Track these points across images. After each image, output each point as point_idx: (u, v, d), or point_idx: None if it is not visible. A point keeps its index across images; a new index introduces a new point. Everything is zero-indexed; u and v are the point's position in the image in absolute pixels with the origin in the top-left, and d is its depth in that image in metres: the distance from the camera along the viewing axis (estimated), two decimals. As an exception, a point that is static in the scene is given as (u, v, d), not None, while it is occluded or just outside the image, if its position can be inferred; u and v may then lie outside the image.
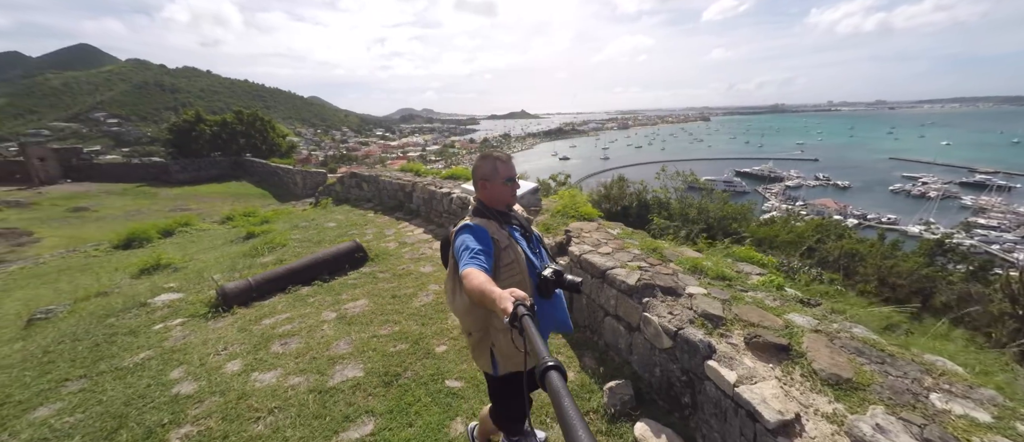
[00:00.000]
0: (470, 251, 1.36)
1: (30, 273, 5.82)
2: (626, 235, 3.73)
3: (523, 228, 1.66)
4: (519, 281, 1.49)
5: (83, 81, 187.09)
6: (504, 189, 1.59)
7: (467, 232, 1.44)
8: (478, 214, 1.58)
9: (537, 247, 1.67)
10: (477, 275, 1.22)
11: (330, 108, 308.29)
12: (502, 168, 1.58)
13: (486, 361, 1.59)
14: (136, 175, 23.70)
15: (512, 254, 1.51)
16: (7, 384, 2.77)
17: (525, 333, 0.91)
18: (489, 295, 1.11)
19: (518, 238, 1.58)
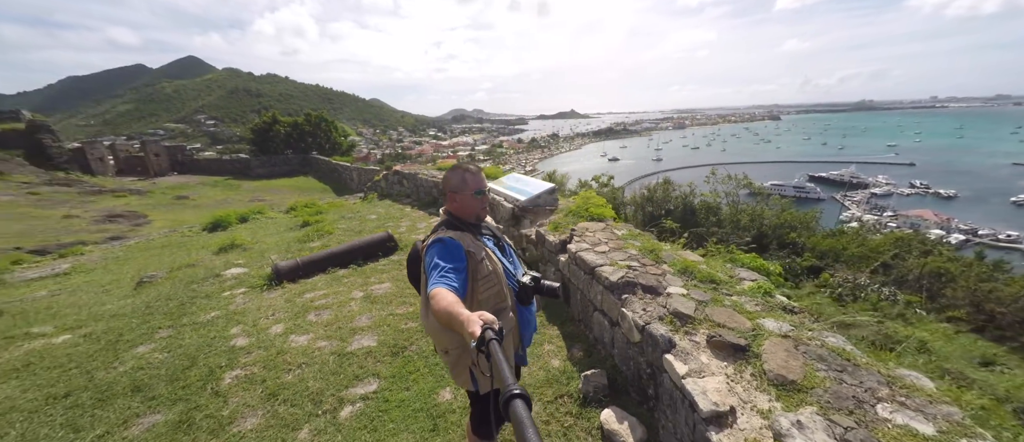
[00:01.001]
0: (439, 269, 1.29)
1: (143, 247, 7.21)
2: (631, 236, 3.81)
3: (495, 237, 1.64)
4: (496, 292, 1.45)
5: (189, 88, 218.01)
6: (474, 201, 1.54)
7: (438, 247, 1.37)
8: (450, 227, 1.51)
9: (511, 256, 1.68)
10: (445, 296, 1.17)
11: (388, 109, 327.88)
12: (471, 180, 1.53)
13: (466, 379, 1.51)
14: (225, 169, 27.38)
15: (490, 265, 1.46)
16: (121, 327, 3.61)
17: (491, 358, 0.90)
18: (457, 318, 1.07)
19: (493, 248, 1.55)
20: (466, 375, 1.49)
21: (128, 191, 17.79)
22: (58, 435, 2.33)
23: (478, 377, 1.48)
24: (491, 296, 1.45)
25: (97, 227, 11.32)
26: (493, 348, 0.92)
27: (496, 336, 0.95)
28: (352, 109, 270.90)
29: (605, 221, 4.33)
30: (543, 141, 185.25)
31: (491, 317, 1.02)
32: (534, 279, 1.52)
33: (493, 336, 0.95)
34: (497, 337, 0.95)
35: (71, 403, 2.59)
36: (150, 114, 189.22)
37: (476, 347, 0.95)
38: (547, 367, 2.85)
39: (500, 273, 1.49)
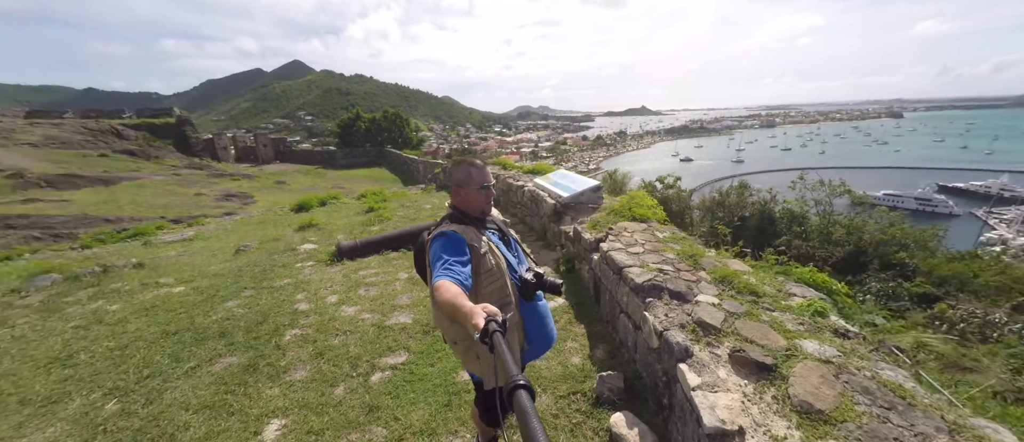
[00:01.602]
0: (444, 262, 1.29)
1: (245, 222, 8.59)
2: (672, 239, 3.59)
3: (500, 232, 1.64)
4: (500, 286, 1.45)
5: (293, 88, 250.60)
6: (478, 195, 1.55)
7: (442, 240, 1.38)
8: (454, 220, 1.51)
9: (516, 250, 1.67)
10: (448, 288, 1.17)
11: (458, 106, 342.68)
12: (476, 174, 1.55)
13: (476, 366, 1.54)
14: (316, 159, 31.14)
15: (492, 259, 1.45)
16: (218, 285, 4.40)
17: (495, 350, 0.90)
18: (461, 310, 1.06)
19: (497, 242, 1.54)
20: (475, 365, 1.52)
21: (242, 175, 21.20)
22: (166, 362, 2.95)
23: (487, 369, 1.48)
24: (494, 290, 1.45)
25: (217, 204, 13.71)
26: (497, 340, 0.91)
27: (500, 328, 0.95)
28: (425, 106, 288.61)
29: (648, 222, 4.12)
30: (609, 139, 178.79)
31: (494, 309, 1.02)
32: (536, 275, 1.50)
33: (497, 328, 0.95)
34: (500, 329, 0.95)
35: (177, 339, 3.25)
36: (263, 111, 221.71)
37: (480, 339, 0.95)
38: (566, 363, 2.84)
39: (503, 268, 1.48)
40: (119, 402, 2.56)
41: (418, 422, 2.34)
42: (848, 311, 2.51)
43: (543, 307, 1.66)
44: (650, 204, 4.68)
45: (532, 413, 0.69)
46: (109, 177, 15.50)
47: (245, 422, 2.36)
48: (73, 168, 15.76)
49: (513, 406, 0.73)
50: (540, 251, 5.18)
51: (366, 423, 2.35)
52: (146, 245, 6.84)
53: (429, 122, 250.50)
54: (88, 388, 2.70)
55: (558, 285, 1.51)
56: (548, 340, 1.67)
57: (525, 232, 6.08)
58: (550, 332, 1.67)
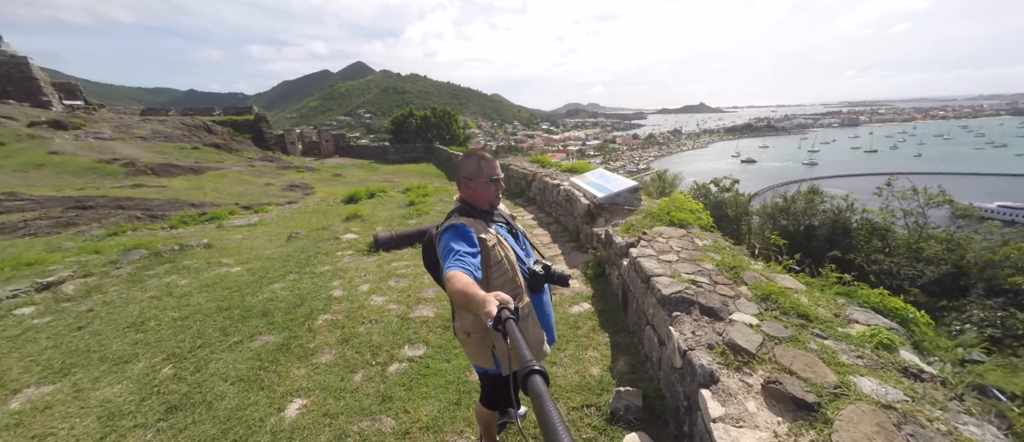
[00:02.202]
0: (455, 253, 1.31)
1: (301, 211, 9.34)
2: (713, 248, 3.27)
3: (508, 225, 1.66)
4: (509, 278, 1.47)
5: (355, 88, 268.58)
6: (487, 188, 1.56)
7: (452, 233, 1.39)
8: (463, 213, 1.54)
9: (524, 243, 1.70)
10: (460, 278, 1.19)
11: (506, 104, 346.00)
12: (486, 167, 1.55)
13: (487, 359, 1.55)
14: (371, 154, 33.11)
15: (501, 252, 1.47)
16: (268, 268, 4.80)
17: (509, 336, 0.91)
18: (473, 298, 1.08)
19: (505, 235, 1.56)
20: (488, 355, 1.54)
21: (305, 168, 23.15)
22: (215, 335, 3.26)
23: (500, 359, 1.52)
24: (505, 282, 1.47)
25: (282, 193, 15.08)
26: (510, 327, 0.93)
27: (512, 315, 0.97)
28: (475, 104, 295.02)
29: (687, 228, 3.80)
30: (661, 137, 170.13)
31: (506, 296, 1.03)
32: (544, 267, 1.53)
33: (510, 315, 0.96)
34: (513, 316, 0.97)
35: (227, 315, 3.59)
36: (328, 109, 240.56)
37: (493, 326, 0.97)
38: (584, 373, 2.70)
39: (513, 260, 1.51)
40: (174, 367, 2.87)
41: (426, 417, 2.34)
42: (928, 345, 2.09)
43: (548, 300, 1.71)
44: (692, 208, 4.32)
45: (547, 397, 0.69)
46: (198, 167, 17.71)
47: (271, 398, 2.52)
48: (171, 158, 18.23)
49: (527, 390, 0.73)
50: (571, 253, 5.02)
51: (378, 412, 2.40)
52: (219, 228, 7.68)
53: (478, 119, 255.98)
54: (152, 352, 3.06)
55: (566, 277, 1.51)
56: (552, 333, 1.72)
57: (558, 232, 5.92)
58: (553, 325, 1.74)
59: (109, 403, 2.53)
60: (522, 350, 0.83)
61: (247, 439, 2.21)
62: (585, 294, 3.84)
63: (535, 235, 5.85)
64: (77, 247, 6.35)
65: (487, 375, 1.67)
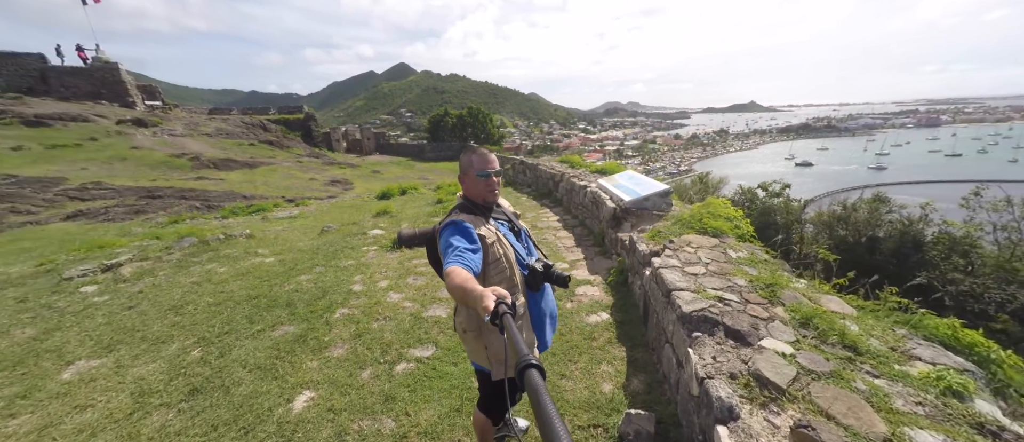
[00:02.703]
0: (455, 249, 1.32)
1: (337, 206, 9.77)
2: (748, 261, 2.95)
3: (511, 222, 1.64)
4: (507, 276, 1.47)
5: (398, 88, 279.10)
6: (478, 183, 1.54)
7: (452, 228, 1.41)
8: (463, 210, 1.54)
9: (526, 241, 1.67)
10: (459, 273, 1.19)
11: (543, 103, 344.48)
12: (476, 161, 1.54)
13: (483, 357, 1.55)
14: (409, 152, 34.21)
15: (500, 250, 1.47)
16: (298, 259, 5.03)
17: (506, 331, 0.91)
18: (471, 293, 1.08)
19: (506, 233, 1.55)
20: (483, 354, 1.53)
21: (347, 165, 24.33)
22: (242, 322, 3.44)
23: (492, 362, 1.51)
24: (502, 280, 1.47)
25: (324, 188, 15.92)
26: (507, 321, 0.93)
27: (509, 310, 0.97)
28: (512, 103, 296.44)
29: (721, 237, 3.48)
30: (706, 138, 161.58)
31: (503, 292, 1.03)
32: (545, 265, 1.49)
33: (507, 310, 0.97)
34: (510, 311, 0.97)
35: (255, 304, 3.77)
36: (372, 108, 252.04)
37: (490, 321, 0.97)
38: (594, 389, 2.53)
39: (511, 259, 1.50)
40: (202, 351, 3.05)
41: (425, 422, 2.29)
42: (1015, 395, 1.71)
43: (550, 300, 1.68)
44: (729, 215, 3.96)
45: (544, 391, 0.68)
46: (253, 162, 19.15)
47: (283, 389, 2.59)
48: (231, 154, 19.85)
49: (523, 385, 0.72)
50: (595, 258, 4.80)
51: (379, 412, 2.39)
52: (263, 219, 8.21)
53: (514, 118, 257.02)
54: (185, 335, 3.28)
55: (565, 277, 1.46)
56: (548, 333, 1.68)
57: (583, 236, 5.71)
58: (554, 324, 1.71)
59: (142, 380, 2.72)
60: (518, 344, 0.82)
61: (255, 428, 2.27)
62: (604, 303, 3.64)
63: (558, 237, 5.68)
64: (143, 233, 7.04)
65: (484, 374, 1.65)
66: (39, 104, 20.42)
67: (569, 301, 3.72)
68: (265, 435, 2.22)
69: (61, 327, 3.46)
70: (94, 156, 15.37)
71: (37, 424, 2.35)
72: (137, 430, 2.28)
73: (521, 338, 0.86)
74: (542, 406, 0.64)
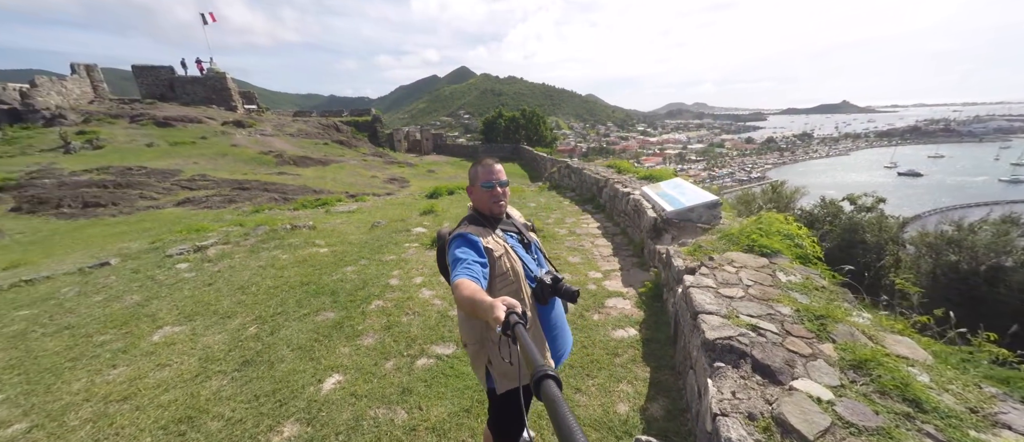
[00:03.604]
0: (462, 262, 1.32)
1: (391, 203, 10.45)
2: (800, 287, 2.61)
3: (520, 234, 1.62)
4: (514, 290, 1.45)
5: (458, 91, 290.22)
6: (483, 194, 1.54)
7: (460, 241, 1.42)
8: (472, 221, 1.54)
9: (536, 254, 1.65)
10: (468, 285, 1.19)
11: (601, 104, 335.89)
12: (481, 172, 1.54)
13: (483, 374, 1.55)
14: (463, 153, 35.42)
15: (507, 263, 1.45)
16: (347, 251, 5.46)
17: (519, 341, 0.89)
18: (480, 305, 1.08)
19: (514, 245, 1.53)
20: (483, 371, 1.52)
21: (405, 164, 25.88)
22: (292, 306, 3.83)
23: (495, 375, 1.49)
24: (508, 294, 1.43)
25: (382, 185, 17.11)
26: (519, 331, 0.91)
27: (521, 320, 0.96)
28: (569, 105, 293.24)
29: (773, 257, 3.13)
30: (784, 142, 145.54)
31: (513, 301, 1.03)
32: (554, 278, 1.45)
33: (518, 320, 0.95)
34: (521, 321, 0.96)
35: (305, 290, 4.18)
36: (434, 110, 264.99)
37: (502, 331, 0.96)
38: (609, 408, 2.42)
39: (519, 271, 1.47)
40: (257, 328, 3.45)
41: (435, 417, 2.36)
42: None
43: (558, 314, 1.63)
44: (788, 233, 3.54)
45: (563, 402, 0.66)
46: (325, 160, 21.21)
47: (316, 370, 2.84)
48: (307, 152, 22.17)
49: (541, 396, 0.71)
50: (631, 269, 4.57)
51: (395, 402, 2.52)
52: (326, 212, 9.05)
53: (570, 120, 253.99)
54: (247, 312, 3.74)
55: (574, 292, 1.42)
56: (563, 349, 1.63)
57: (623, 245, 5.47)
58: (566, 340, 1.65)
59: (208, 348, 3.16)
60: (533, 355, 0.80)
61: (288, 402, 2.52)
62: (634, 318, 3.45)
63: (595, 245, 5.50)
64: (230, 220, 8.15)
65: (491, 393, 1.62)
66: (167, 108, 24.59)
67: (596, 313, 3.59)
68: (295, 410, 2.46)
69: (158, 296, 4.14)
70: (203, 152, 18.10)
71: (129, 376, 2.84)
72: (198, 391, 2.65)
73: (535, 348, 0.84)
74: (562, 417, 0.62)
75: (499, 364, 1.44)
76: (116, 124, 20.50)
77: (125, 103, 24.95)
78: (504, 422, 1.66)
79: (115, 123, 20.63)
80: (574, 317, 3.51)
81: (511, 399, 1.52)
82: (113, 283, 4.55)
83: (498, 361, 1.45)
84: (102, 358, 3.07)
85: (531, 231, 1.74)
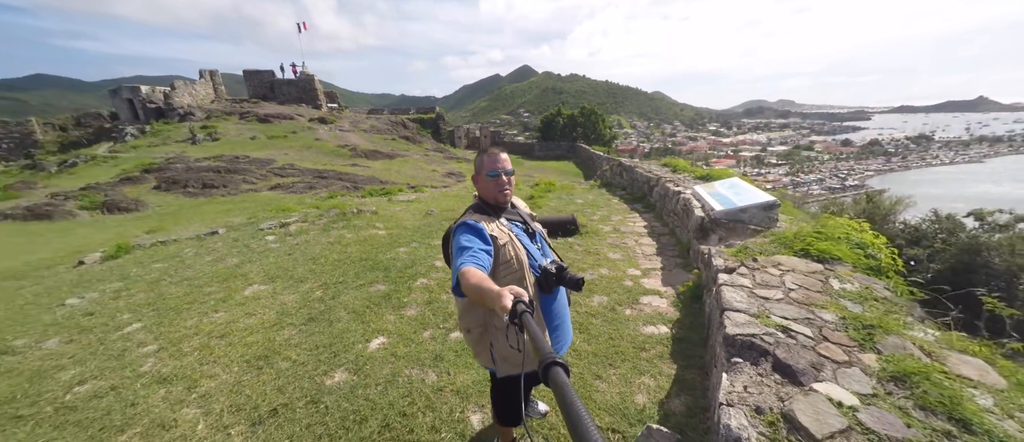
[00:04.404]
0: (467, 250, 1.32)
1: (445, 194, 11.09)
2: (855, 296, 2.38)
3: (525, 224, 1.64)
4: (518, 279, 1.46)
5: (519, 89, 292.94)
6: (487, 183, 1.56)
7: (465, 229, 1.42)
8: (477, 210, 1.56)
9: (541, 243, 1.66)
10: (474, 273, 1.19)
11: (668, 102, 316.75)
12: (487, 162, 1.56)
13: (487, 358, 1.57)
14: (519, 150, 35.88)
15: (511, 251, 1.46)
16: (400, 235, 5.99)
17: (526, 329, 0.90)
18: (488, 293, 1.08)
19: (519, 233, 1.55)
20: (487, 355, 1.55)
21: (463, 159, 26.98)
22: (351, 277, 4.35)
23: (497, 359, 1.54)
24: (512, 282, 1.45)
25: (440, 179, 18.09)
26: (526, 319, 0.92)
27: (528, 308, 0.97)
28: (633, 103, 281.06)
29: (829, 263, 2.87)
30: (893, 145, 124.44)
31: (520, 290, 1.04)
32: (559, 267, 1.46)
33: (525, 308, 0.96)
34: (529, 309, 0.97)
35: (363, 264, 4.70)
36: (495, 109, 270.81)
37: (509, 320, 0.96)
38: (626, 397, 2.44)
39: (523, 259, 1.48)
40: (322, 292, 4.00)
41: (460, 382, 2.59)
42: None
43: (561, 305, 1.65)
44: (855, 238, 3.19)
45: (570, 388, 0.67)
46: (392, 154, 22.98)
47: (365, 331, 3.24)
48: (377, 147, 24.19)
49: (548, 382, 0.71)
50: (674, 270, 4.41)
51: (428, 365, 2.79)
52: (388, 200, 9.90)
53: (633, 119, 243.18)
54: (315, 279, 4.33)
55: (579, 280, 1.41)
56: (563, 341, 1.64)
57: (669, 245, 5.26)
58: (566, 332, 1.66)
59: (284, 305, 3.75)
60: (540, 343, 0.80)
61: (340, 354, 2.93)
62: (668, 317, 3.37)
63: (639, 243, 5.36)
64: (310, 203, 9.32)
65: (493, 376, 1.69)
66: (267, 106, 28.43)
67: (629, 308, 3.56)
68: (345, 361, 2.85)
69: (250, 260, 4.96)
70: (292, 144, 20.68)
71: (225, 319, 3.50)
72: (273, 337, 3.19)
73: (543, 336, 0.85)
74: (569, 403, 0.62)
75: (501, 349, 1.48)
76: (229, 120, 24.26)
77: (236, 102, 29.40)
78: (503, 404, 1.75)
79: (228, 119, 24.42)
80: (604, 310, 3.52)
81: (511, 384, 1.57)
82: (219, 248, 5.54)
83: (500, 346, 1.48)
84: (208, 304, 3.81)
85: (535, 221, 1.74)
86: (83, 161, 16.14)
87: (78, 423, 2.35)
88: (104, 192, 10.82)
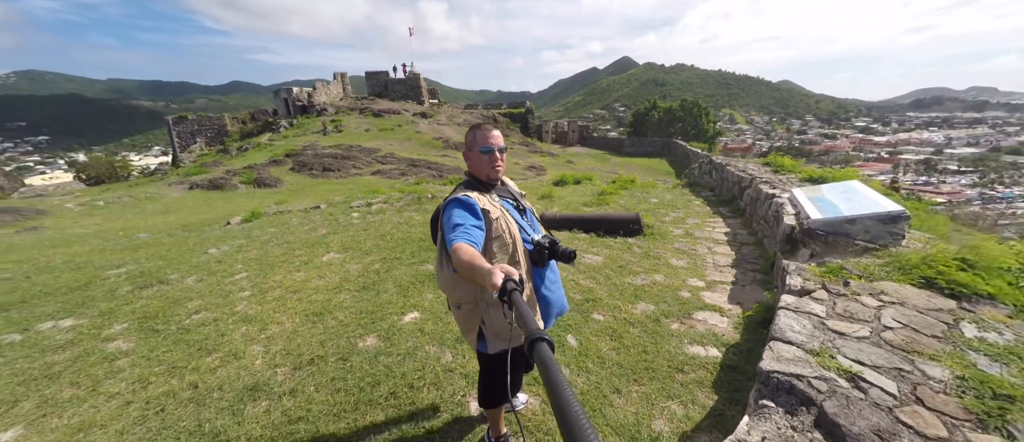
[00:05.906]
0: (460, 226, 1.32)
1: (519, 186, 11.22)
2: (999, 353, 1.68)
3: (516, 202, 1.65)
4: (510, 253, 1.46)
5: (616, 82, 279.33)
6: (480, 159, 1.55)
7: (456, 205, 1.41)
8: (468, 187, 1.55)
9: (531, 219, 1.67)
10: (466, 249, 1.19)
11: (799, 92, 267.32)
12: (479, 137, 1.55)
13: (475, 336, 1.58)
14: (608, 146, 34.33)
15: (504, 225, 1.46)
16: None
17: (515, 307, 0.91)
18: (479, 270, 1.09)
19: (510, 209, 1.56)
20: (475, 333, 1.57)
21: (548, 153, 26.93)
22: (407, 255, 4.70)
23: (488, 335, 1.54)
24: (504, 256, 1.47)
25: (521, 172, 18.37)
26: (516, 297, 0.93)
27: (517, 286, 0.98)
28: (751, 94, 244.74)
29: (965, 299, 2.09)
30: None
31: (510, 268, 1.04)
32: (551, 241, 1.48)
33: (515, 286, 0.97)
34: (518, 287, 0.98)
35: (420, 245, 5.04)
36: (589, 103, 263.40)
37: (499, 297, 0.98)
38: (644, 419, 2.15)
39: (515, 234, 1.49)
40: (380, 265, 4.42)
41: (471, 368, 2.60)
42: None
43: (554, 277, 1.66)
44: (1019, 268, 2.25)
45: (554, 364, 0.67)
46: (479, 146, 24.22)
47: (404, 305, 3.48)
48: (467, 139, 25.77)
49: (534, 358, 0.72)
50: (749, 285, 3.72)
51: (448, 346, 2.87)
52: (464, 189, 10.49)
53: (750, 113, 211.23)
54: (378, 252, 4.81)
55: (571, 253, 1.44)
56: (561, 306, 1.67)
57: (751, 256, 4.45)
58: (560, 297, 1.67)
59: (348, 272, 4.25)
60: (527, 320, 0.82)
61: (378, 322, 3.20)
62: (724, 339, 2.86)
63: (713, 252, 4.65)
64: (399, 188, 10.39)
65: (481, 355, 1.69)
66: (381, 103, 32.45)
67: (677, 322, 3.13)
68: (379, 329, 3.11)
69: (335, 232, 5.75)
70: (396, 136, 23.27)
71: (302, 279, 4.13)
72: (332, 298, 3.65)
73: (531, 314, 0.86)
74: (553, 380, 0.63)
75: (493, 324, 1.48)
76: (351, 115, 28.42)
77: (358, 100, 34.30)
78: (491, 383, 1.74)
79: (351, 114, 28.62)
80: (647, 319, 3.16)
81: (500, 362, 1.55)
82: (316, 220, 6.56)
83: (492, 321, 1.48)
84: (294, 264, 4.55)
85: (525, 199, 1.75)
86: (251, 147, 20.77)
87: (187, 342, 3.04)
88: (257, 171, 13.77)
